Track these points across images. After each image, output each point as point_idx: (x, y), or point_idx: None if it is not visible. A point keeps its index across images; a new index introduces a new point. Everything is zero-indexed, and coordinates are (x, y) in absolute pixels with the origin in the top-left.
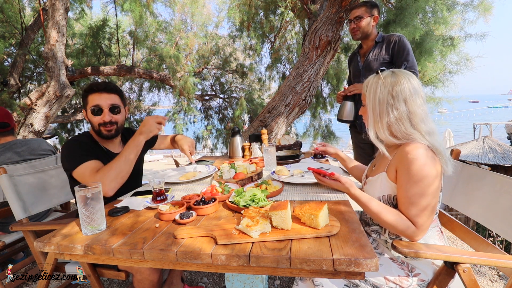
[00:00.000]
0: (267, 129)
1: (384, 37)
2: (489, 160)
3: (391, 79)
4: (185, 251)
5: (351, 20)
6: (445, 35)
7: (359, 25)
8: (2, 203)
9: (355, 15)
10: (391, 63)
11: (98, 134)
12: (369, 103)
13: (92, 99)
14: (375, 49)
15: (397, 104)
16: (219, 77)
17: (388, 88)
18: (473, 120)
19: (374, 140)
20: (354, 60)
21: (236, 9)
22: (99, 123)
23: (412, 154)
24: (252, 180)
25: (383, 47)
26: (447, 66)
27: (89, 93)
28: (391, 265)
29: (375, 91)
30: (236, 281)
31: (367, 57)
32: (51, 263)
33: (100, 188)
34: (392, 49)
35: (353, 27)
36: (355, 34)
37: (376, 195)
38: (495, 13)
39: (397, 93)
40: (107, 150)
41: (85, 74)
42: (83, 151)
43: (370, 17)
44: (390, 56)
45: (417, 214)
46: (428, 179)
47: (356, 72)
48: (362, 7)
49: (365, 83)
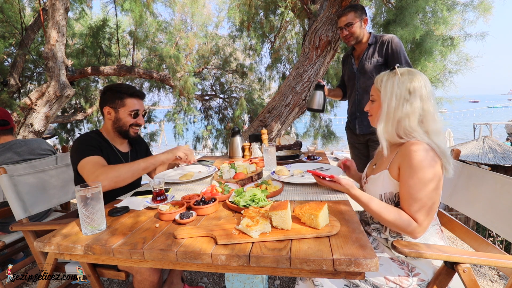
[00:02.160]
0: (267, 129)
1: (376, 38)
2: (489, 160)
3: (409, 76)
4: (185, 251)
5: (342, 28)
6: (445, 35)
7: (351, 31)
8: (2, 203)
9: (345, 22)
10: (385, 65)
11: (122, 133)
12: (384, 98)
13: (132, 103)
14: (369, 51)
15: (412, 100)
16: (219, 77)
17: (406, 84)
18: (473, 120)
19: (381, 135)
20: (348, 62)
21: (236, 9)
22: (131, 124)
23: (415, 150)
24: (252, 180)
25: (376, 49)
26: (447, 66)
27: (130, 97)
28: (391, 265)
29: (392, 86)
30: (236, 281)
31: (361, 59)
32: (51, 263)
33: (100, 188)
34: (386, 51)
35: (346, 34)
36: (349, 41)
37: (377, 192)
38: (495, 13)
39: (414, 89)
40: (117, 149)
41: (85, 74)
42: (91, 146)
43: (360, 21)
44: (383, 58)
45: (417, 210)
46: (429, 173)
47: (351, 75)
48: (350, 12)
49: (379, 79)
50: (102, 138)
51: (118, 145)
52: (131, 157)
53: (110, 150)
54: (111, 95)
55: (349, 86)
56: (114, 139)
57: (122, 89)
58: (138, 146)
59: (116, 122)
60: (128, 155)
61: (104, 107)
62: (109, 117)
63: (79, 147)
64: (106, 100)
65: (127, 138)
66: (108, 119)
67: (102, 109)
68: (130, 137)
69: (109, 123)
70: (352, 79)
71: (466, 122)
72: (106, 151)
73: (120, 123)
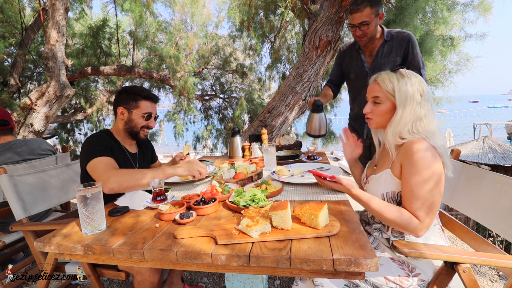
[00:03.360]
0: (267, 129)
1: (392, 34)
2: (489, 160)
3: (416, 78)
4: (185, 251)
5: (355, 26)
6: (445, 35)
7: (367, 31)
8: (2, 203)
9: (360, 20)
10: (401, 65)
11: (132, 134)
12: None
13: (145, 105)
14: (384, 49)
15: (424, 103)
16: (219, 77)
17: (416, 86)
18: (473, 120)
19: (391, 139)
20: (355, 58)
21: (236, 9)
22: (142, 126)
23: (416, 148)
24: (252, 180)
25: (393, 47)
26: (447, 66)
27: (144, 99)
28: (391, 265)
29: (406, 90)
30: (236, 281)
31: (375, 58)
32: (51, 263)
33: (100, 188)
34: (405, 50)
35: (359, 34)
36: (362, 41)
37: (379, 192)
38: (495, 13)
39: (423, 91)
40: (126, 149)
41: (85, 74)
42: (102, 146)
43: (376, 17)
44: (402, 57)
45: (419, 208)
46: (430, 170)
47: (360, 74)
48: (365, 8)
49: (387, 80)
50: (112, 138)
51: (127, 145)
52: (139, 158)
53: (120, 150)
54: (126, 96)
55: (357, 86)
56: (124, 140)
57: (137, 91)
58: (145, 148)
59: (128, 122)
60: (136, 156)
61: (118, 107)
62: (122, 117)
63: (91, 146)
64: (121, 100)
65: (136, 140)
66: (121, 119)
67: (116, 108)
68: (139, 139)
69: (121, 123)
70: (361, 78)
71: (466, 122)
72: (117, 151)
73: (131, 124)
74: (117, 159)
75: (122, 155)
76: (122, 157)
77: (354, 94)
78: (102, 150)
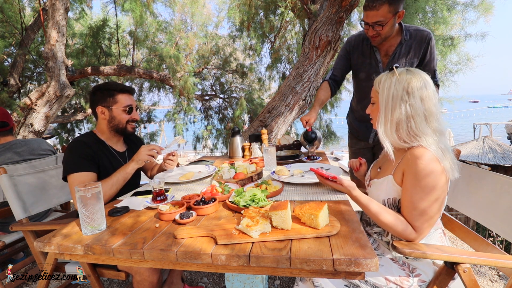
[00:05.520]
0: (267, 129)
1: (410, 32)
2: (489, 160)
3: (407, 76)
4: (185, 251)
5: (368, 24)
6: (445, 35)
7: (381, 32)
8: (2, 203)
9: (375, 20)
10: (419, 66)
11: (119, 130)
12: (381, 99)
13: (124, 99)
14: (402, 49)
15: (412, 101)
16: (219, 77)
17: (403, 84)
18: (473, 120)
19: (383, 137)
20: (368, 56)
21: (236, 9)
22: (127, 120)
23: (420, 157)
24: (252, 180)
25: (412, 47)
26: (447, 66)
27: (121, 93)
28: (391, 266)
29: (389, 87)
30: (236, 281)
31: (391, 59)
32: (51, 263)
33: (100, 188)
34: (424, 51)
35: (373, 33)
36: (375, 41)
37: (381, 197)
38: (495, 13)
39: (412, 89)
40: (113, 149)
41: (85, 74)
42: (80, 158)
43: (394, 16)
44: (419, 58)
45: (416, 218)
46: (432, 182)
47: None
48: (382, 6)
49: (378, 80)
50: (97, 140)
51: (114, 144)
52: (128, 156)
53: (106, 151)
54: (101, 94)
55: (366, 87)
56: (109, 139)
57: (111, 86)
58: (134, 145)
59: (111, 120)
60: (125, 155)
61: (97, 108)
62: (103, 117)
63: (70, 158)
64: (97, 100)
65: (124, 135)
66: (103, 119)
67: (94, 110)
68: (128, 134)
69: (104, 123)
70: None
71: (466, 122)
72: (101, 153)
73: (115, 121)
74: (102, 162)
75: (108, 155)
76: (108, 158)
77: (361, 95)
78: (80, 164)
